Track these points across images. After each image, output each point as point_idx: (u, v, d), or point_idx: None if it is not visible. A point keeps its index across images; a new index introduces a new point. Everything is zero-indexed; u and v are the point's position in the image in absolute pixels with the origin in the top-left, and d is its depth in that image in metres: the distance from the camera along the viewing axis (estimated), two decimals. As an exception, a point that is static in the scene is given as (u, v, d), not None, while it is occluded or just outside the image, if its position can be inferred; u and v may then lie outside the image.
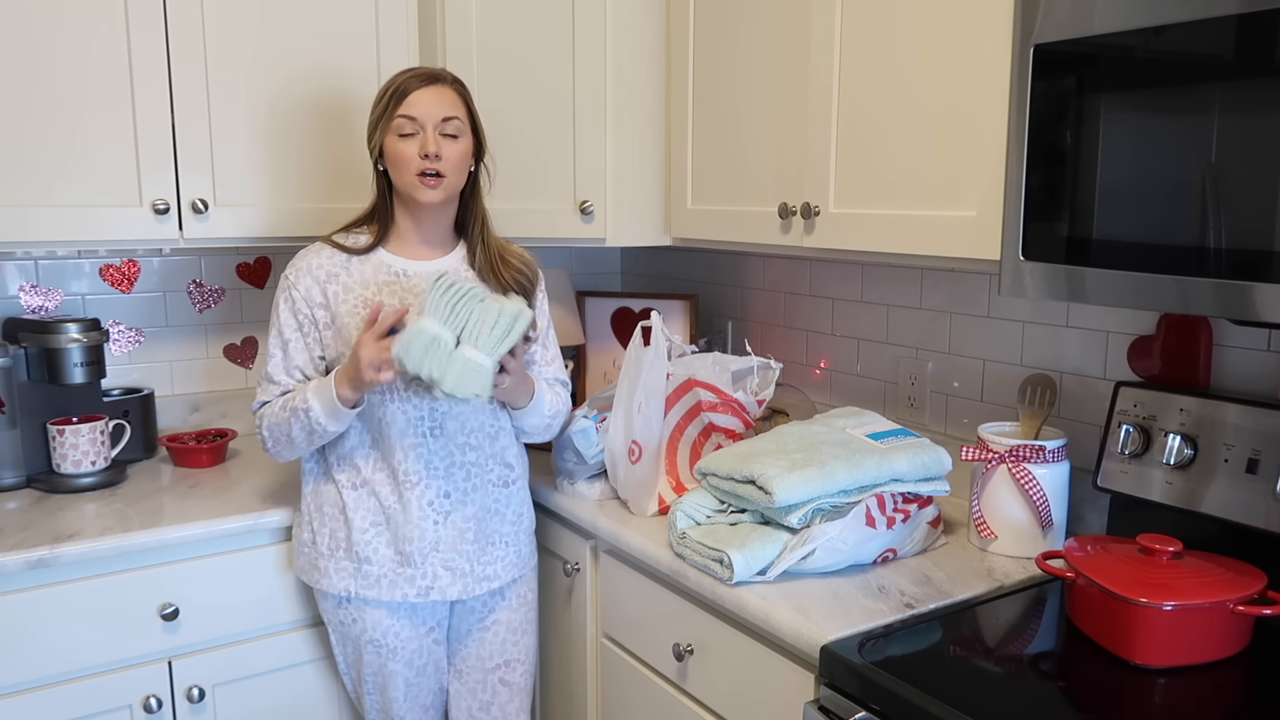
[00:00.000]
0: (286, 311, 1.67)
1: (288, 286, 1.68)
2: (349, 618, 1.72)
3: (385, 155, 1.65)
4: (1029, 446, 1.58)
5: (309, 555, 1.73)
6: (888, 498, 1.55)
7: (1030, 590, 1.49)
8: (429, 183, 1.62)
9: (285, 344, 1.67)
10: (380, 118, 1.64)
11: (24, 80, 1.78)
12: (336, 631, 1.76)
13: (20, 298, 2.14)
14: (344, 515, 1.68)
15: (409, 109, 1.61)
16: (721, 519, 1.60)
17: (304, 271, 1.67)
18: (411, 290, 1.68)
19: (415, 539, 1.67)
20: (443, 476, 1.68)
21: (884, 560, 1.57)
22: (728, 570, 1.47)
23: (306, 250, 1.71)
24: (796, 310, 2.28)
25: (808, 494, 1.48)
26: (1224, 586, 1.24)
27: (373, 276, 1.68)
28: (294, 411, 1.60)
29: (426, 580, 1.68)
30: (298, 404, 1.60)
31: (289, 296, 1.67)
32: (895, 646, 1.29)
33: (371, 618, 1.70)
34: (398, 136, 1.62)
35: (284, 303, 1.68)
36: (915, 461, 1.57)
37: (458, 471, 1.69)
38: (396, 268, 1.69)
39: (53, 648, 1.67)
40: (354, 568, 1.68)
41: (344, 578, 1.68)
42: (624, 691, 1.80)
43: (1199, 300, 1.13)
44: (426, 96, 1.62)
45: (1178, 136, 1.13)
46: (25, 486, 1.97)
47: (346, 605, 1.71)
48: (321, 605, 1.76)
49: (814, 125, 1.69)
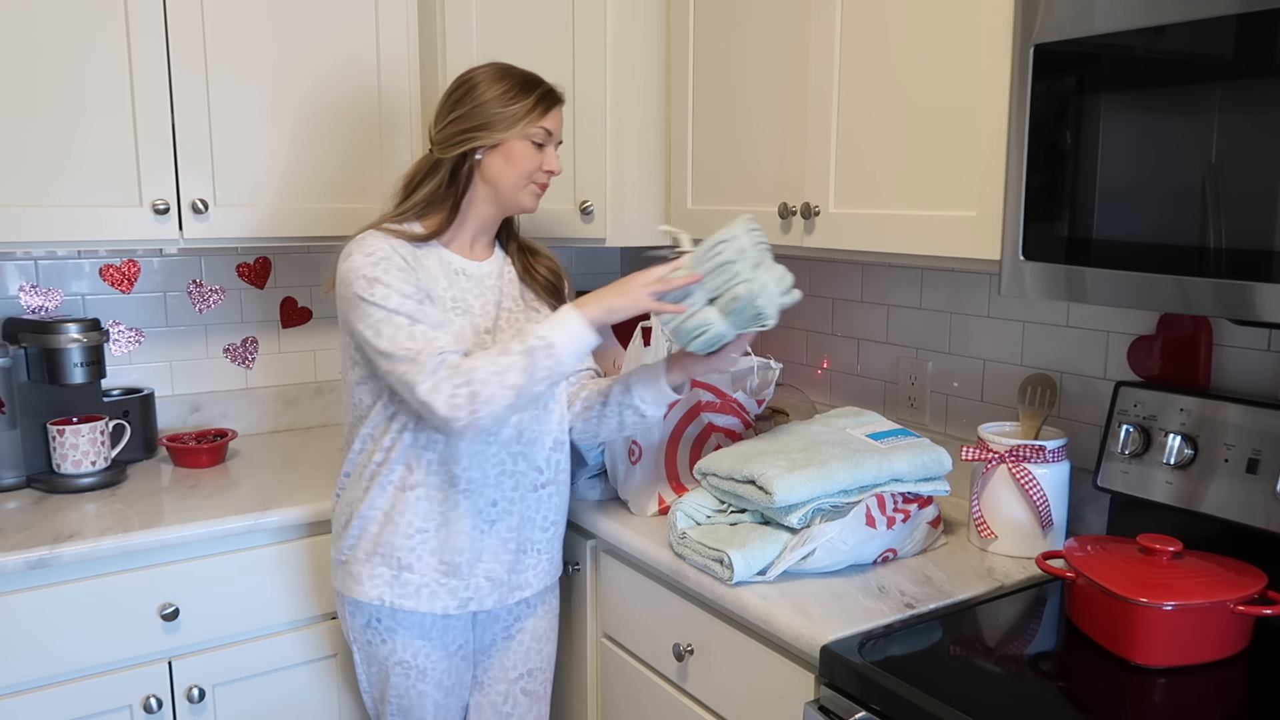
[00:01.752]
0: (398, 280, 1.50)
1: (384, 257, 1.52)
2: (377, 638, 1.65)
3: (499, 152, 1.59)
4: (1029, 446, 1.58)
5: (345, 561, 1.65)
6: (888, 498, 1.55)
7: (1030, 590, 1.49)
8: (538, 192, 1.64)
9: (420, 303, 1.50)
10: (520, 117, 1.58)
11: (23, 80, 1.78)
12: (362, 650, 1.68)
13: (20, 298, 2.14)
14: (389, 517, 1.60)
15: (550, 122, 1.61)
16: (721, 519, 1.60)
17: (392, 249, 1.54)
18: (471, 292, 1.62)
19: (465, 549, 1.61)
20: (493, 484, 1.62)
21: (884, 560, 1.57)
22: (728, 570, 1.47)
23: (369, 235, 1.56)
24: (796, 310, 2.28)
25: (808, 494, 1.48)
26: (1224, 586, 1.24)
27: (439, 271, 1.61)
28: (529, 352, 1.43)
29: (468, 592, 1.63)
30: (532, 343, 1.44)
31: (390, 266, 1.51)
32: (895, 646, 1.29)
33: (402, 639, 1.64)
34: (531, 142, 1.60)
35: (384, 274, 1.50)
36: (915, 461, 1.57)
37: (506, 480, 1.63)
38: (455, 266, 1.63)
39: (53, 648, 1.67)
40: (391, 575, 1.60)
41: (378, 585, 1.60)
42: (624, 691, 1.80)
43: (1199, 300, 1.13)
44: (559, 116, 1.64)
45: (1178, 136, 1.13)
46: (25, 486, 1.97)
47: (376, 625, 1.64)
48: (349, 623, 1.68)
49: (814, 125, 1.69)
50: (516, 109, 1.58)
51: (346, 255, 1.56)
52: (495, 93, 1.58)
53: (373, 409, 1.60)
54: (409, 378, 1.46)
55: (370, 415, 1.60)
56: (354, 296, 1.51)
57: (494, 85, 1.59)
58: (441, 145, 1.61)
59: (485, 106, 1.58)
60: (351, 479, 1.65)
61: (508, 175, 1.60)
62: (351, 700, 1.97)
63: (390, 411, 1.59)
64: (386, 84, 2.14)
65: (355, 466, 1.64)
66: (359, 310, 1.51)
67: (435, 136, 1.62)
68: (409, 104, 2.16)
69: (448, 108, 1.61)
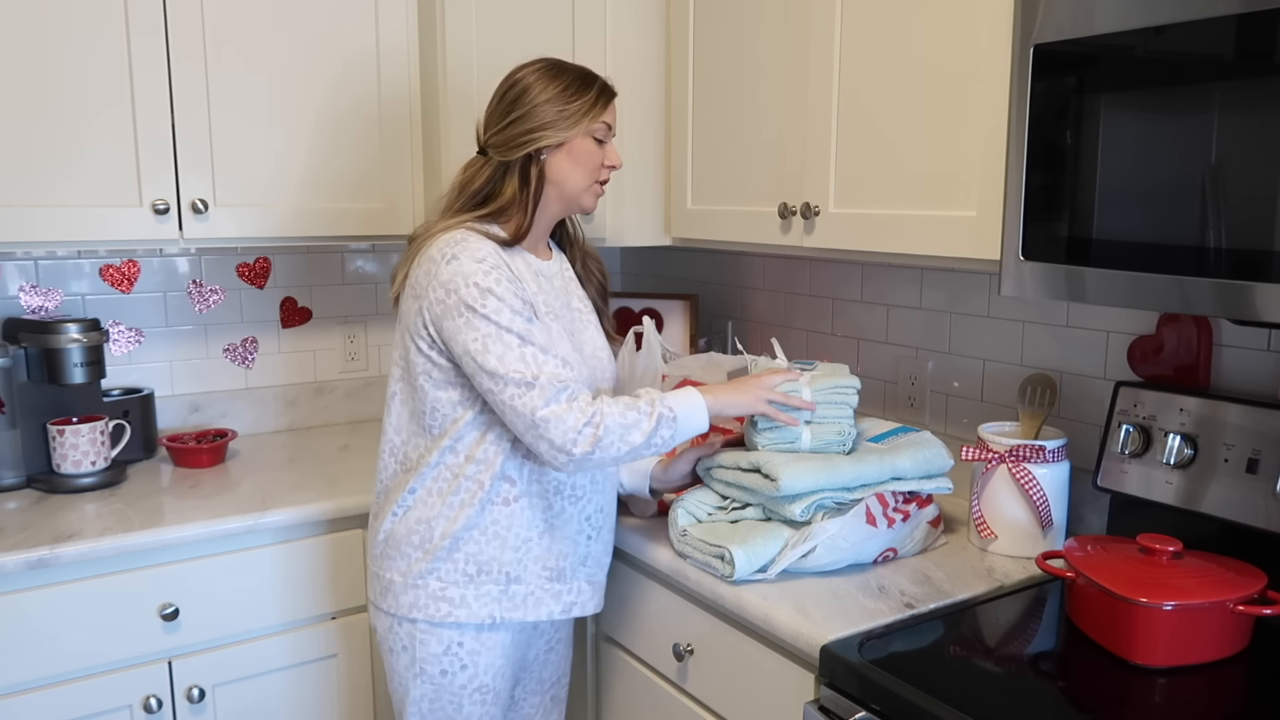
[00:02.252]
0: (509, 290, 1.44)
1: (495, 265, 1.45)
2: (455, 665, 1.54)
3: (565, 151, 1.54)
4: (1029, 446, 1.58)
5: (423, 585, 1.52)
6: (889, 496, 1.55)
7: (1030, 590, 1.49)
8: (600, 191, 1.60)
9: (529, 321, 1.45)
10: (583, 114, 1.53)
11: (23, 80, 1.78)
12: (432, 682, 1.55)
13: (20, 298, 2.14)
14: (495, 534, 1.52)
15: (610, 116, 1.57)
16: (723, 516, 1.61)
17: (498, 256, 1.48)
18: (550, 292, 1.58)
19: (569, 554, 1.58)
20: (600, 491, 1.61)
21: (884, 560, 1.57)
22: (729, 566, 1.47)
23: (469, 237, 1.48)
24: (796, 310, 2.28)
25: (813, 483, 1.49)
26: (1224, 586, 1.24)
27: (527, 274, 1.54)
28: (657, 419, 1.44)
29: (571, 596, 1.60)
30: (661, 410, 1.44)
31: (502, 276, 1.45)
32: (895, 646, 1.29)
33: (486, 659, 1.56)
34: (594, 139, 1.56)
35: (497, 284, 1.43)
36: (918, 458, 1.58)
37: (608, 484, 1.63)
38: (535, 267, 1.58)
39: (53, 648, 1.67)
40: (499, 590, 1.53)
41: (487, 603, 1.52)
42: (624, 691, 1.80)
43: (1199, 300, 1.13)
44: (615, 109, 1.59)
45: (1178, 136, 1.13)
46: (25, 486, 1.97)
47: (457, 651, 1.54)
48: (418, 653, 1.54)
49: (814, 125, 1.69)
50: (578, 105, 1.53)
51: (451, 258, 1.45)
52: (554, 90, 1.53)
53: (460, 421, 1.50)
54: (519, 402, 1.40)
55: (456, 428, 1.50)
56: (460, 305, 1.42)
57: (552, 83, 1.53)
58: (502, 148, 1.54)
59: (546, 106, 1.52)
60: (423, 495, 1.53)
61: (574, 174, 1.56)
62: (351, 700, 1.97)
63: (485, 422, 1.50)
64: (387, 83, 2.14)
65: (431, 481, 1.52)
66: (466, 320, 1.42)
67: (492, 140, 1.55)
68: (409, 103, 2.16)
69: (503, 109, 1.55)
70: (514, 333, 1.42)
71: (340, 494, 1.91)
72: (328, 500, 1.88)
